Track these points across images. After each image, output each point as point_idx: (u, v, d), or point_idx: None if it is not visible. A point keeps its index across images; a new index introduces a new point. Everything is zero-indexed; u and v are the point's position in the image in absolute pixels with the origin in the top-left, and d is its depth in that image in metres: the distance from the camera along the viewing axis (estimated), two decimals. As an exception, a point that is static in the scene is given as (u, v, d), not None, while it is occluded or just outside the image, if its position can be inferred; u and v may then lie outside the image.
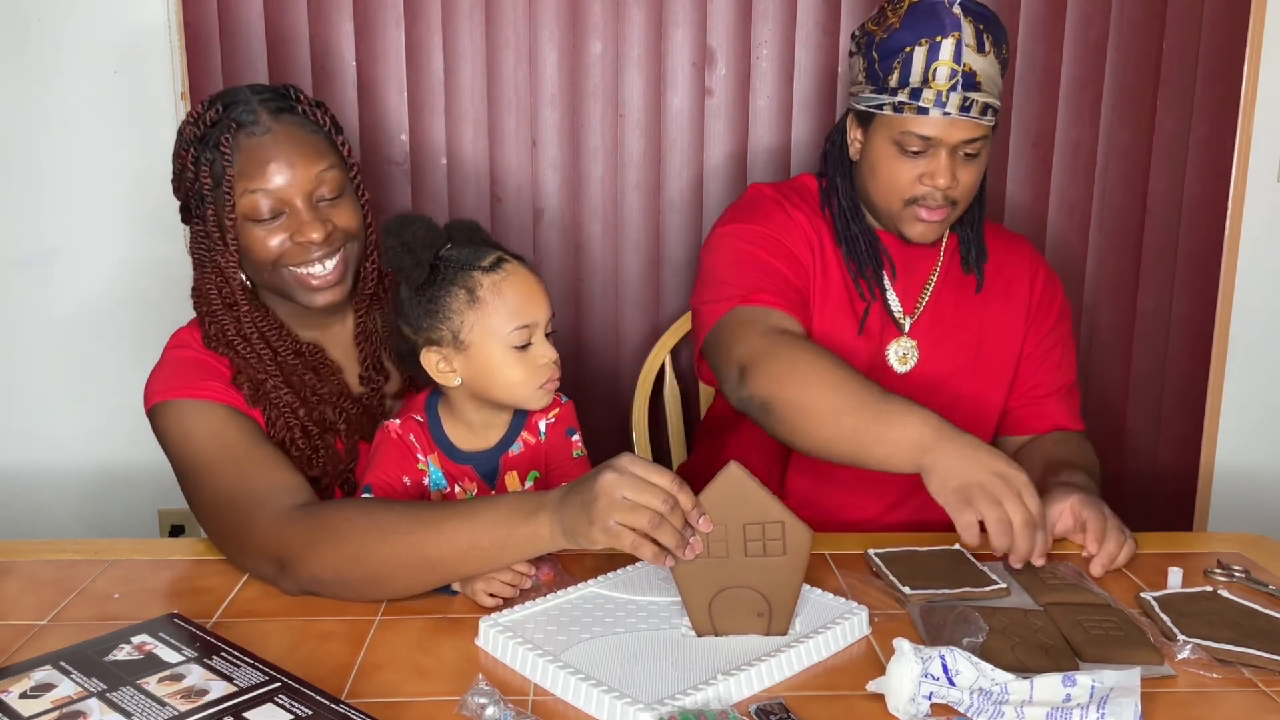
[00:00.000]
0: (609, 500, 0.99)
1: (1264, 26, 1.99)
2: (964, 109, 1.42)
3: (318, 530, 1.12)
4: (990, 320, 1.60)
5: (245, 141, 1.23)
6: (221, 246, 1.26)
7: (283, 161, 1.23)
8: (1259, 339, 2.13)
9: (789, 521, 1.03)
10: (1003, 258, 1.62)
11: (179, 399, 1.24)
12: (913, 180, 1.47)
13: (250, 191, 1.23)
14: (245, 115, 1.24)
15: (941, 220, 1.50)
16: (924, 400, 1.47)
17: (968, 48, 1.41)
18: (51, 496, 2.12)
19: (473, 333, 1.18)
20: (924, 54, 1.42)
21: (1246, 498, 2.19)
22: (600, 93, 1.98)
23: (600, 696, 0.92)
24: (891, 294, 1.58)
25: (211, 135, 1.23)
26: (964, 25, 1.41)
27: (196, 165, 1.24)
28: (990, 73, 1.43)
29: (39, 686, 0.93)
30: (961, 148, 1.45)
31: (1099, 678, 0.92)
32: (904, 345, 1.57)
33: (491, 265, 1.19)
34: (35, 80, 1.97)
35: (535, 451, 1.28)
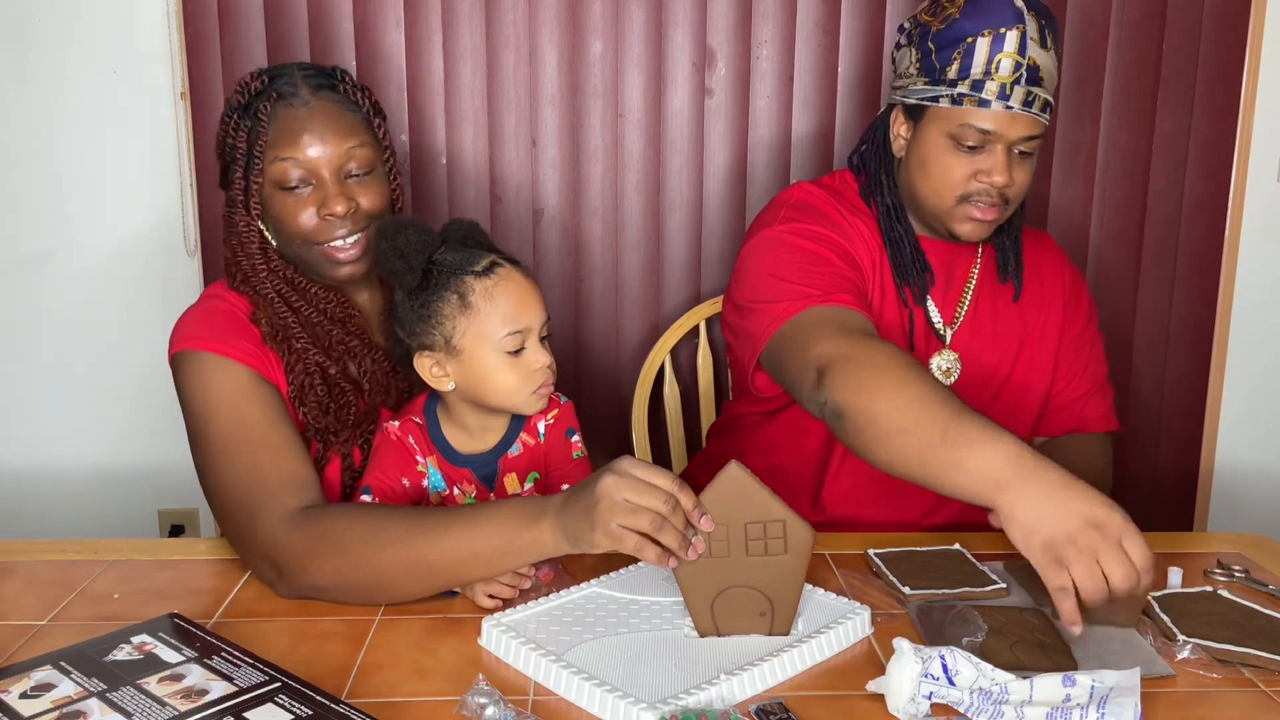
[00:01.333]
0: (610, 504, 0.99)
1: (1264, 26, 1.99)
2: (1027, 104, 1.38)
3: (319, 539, 1.12)
4: (1030, 325, 1.56)
5: (283, 111, 1.27)
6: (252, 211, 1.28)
7: (315, 134, 1.26)
8: (1259, 339, 2.13)
9: (790, 520, 1.03)
10: (1034, 259, 1.59)
11: (206, 351, 1.23)
12: (967, 176, 1.42)
13: (281, 159, 1.26)
14: (286, 88, 1.28)
15: (994, 220, 1.45)
16: None
17: (1032, 41, 1.37)
18: (51, 496, 2.12)
19: (465, 338, 1.17)
20: (987, 45, 1.37)
21: (1246, 498, 2.19)
22: (600, 93, 1.98)
23: (603, 696, 0.92)
24: (931, 303, 1.53)
25: (253, 104, 1.27)
26: (1028, 18, 1.37)
27: (235, 131, 1.28)
28: (1051, 69, 1.40)
29: (39, 686, 0.93)
30: (1019, 144, 1.40)
31: (1099, 678, 0.92)
32: (946, 358, 1.52)
33: (484, 270, 1.18)
34: (35, 80, 1.97)
35: (534, 453, 1.28)
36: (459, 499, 1.24)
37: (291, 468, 1.19)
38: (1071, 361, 1.59)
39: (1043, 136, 1.43)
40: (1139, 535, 1.01)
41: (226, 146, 1.30)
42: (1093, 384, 1.60)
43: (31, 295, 2.06)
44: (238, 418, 1.20)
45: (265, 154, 1.26)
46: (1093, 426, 1.60)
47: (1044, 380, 1.57)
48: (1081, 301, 1.61)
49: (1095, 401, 1.60)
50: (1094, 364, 1.61)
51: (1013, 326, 1.55)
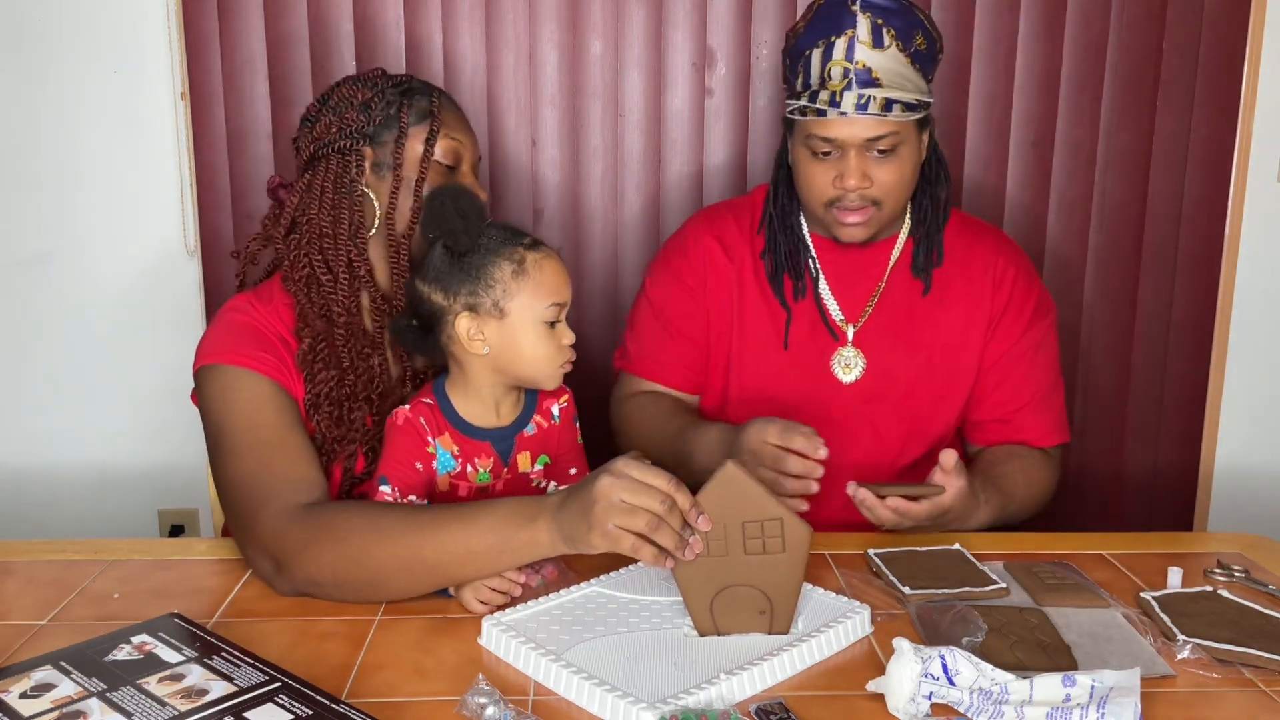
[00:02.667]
0: (607, 504, 0.99)
1: (1264, 26, 1.99)
2: (860, 106, 1.39)
3: (317, 531, 1.12)
4: (945, 325, 1.53)
5: (445, 102, 1.38)
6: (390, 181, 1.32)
7: (468, 131, 1.40)
8: (1259, 339, 2.13)
9: (787, 518, 1.03)
10: (966, 255, 1.55)
11: (228, 364, 1.25)
12: (828, 183, 1.44)
13: (450, 137, 1.35)
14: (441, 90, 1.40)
15: (864, 221, 1.46)
16: (869, 411, 1.53)
17: (861, 44, 1.38)
18: (51, 496, 2.12)
19: (514, 301, 1.21)
20: (820, 55, 1.41)
21: (1246, 498, 2.19)
22: (600, 93, 1.98)
23: (603, 696, 0.92)
24: (831, 300, 1.54)
25: (413, 89, 1.36)
26: (859, 21, 1.39)
27: (393, 107, 1.33)
28: (892, 66, 1.39)
29: (39, 686, 0.93)
30: (870, 146, 1.41)
31: (1099, 678, 0.92)
32: (847, 354, 1.53)
33: (532, 244, 1.24)
34: (35, 80, 1.97)
35: (547, 435, 1.30)
36: (471, 476, 1.24)
37: (301, 470, 1.20)
38: (1005, 373, 1.54)
39: (898, 133, 1.41)
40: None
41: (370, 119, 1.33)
42: (1030, 398, 1.55)
43: (31, 295, 2.06)
44: (253, 422, 1.22)
45: (439, 133, 1.33)
46: (1033, 443, 1.55)
47: (963, 385, 1.54)
48: (1025, 308, 1.54)
49: (1033, 417, 1.55)
50: (1035, 375, 1.55)
51: (926, 326, 1.53)
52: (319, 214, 1.31)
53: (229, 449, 1.21)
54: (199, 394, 1.27)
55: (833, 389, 1.54)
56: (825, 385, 1.54)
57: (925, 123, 1.47)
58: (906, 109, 1.40)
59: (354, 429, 1.29)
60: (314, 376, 1.27)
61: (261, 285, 1.36)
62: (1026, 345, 1.54)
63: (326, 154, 1.33)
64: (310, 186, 1.33)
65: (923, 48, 1.42)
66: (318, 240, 1.31)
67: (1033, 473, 1.51)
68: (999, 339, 1.54)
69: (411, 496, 1.21)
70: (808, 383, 1.55)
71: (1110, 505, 2.14)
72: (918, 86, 1.42)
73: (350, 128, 1.32)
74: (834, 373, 1.54)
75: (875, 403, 1.53)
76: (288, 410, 1.24)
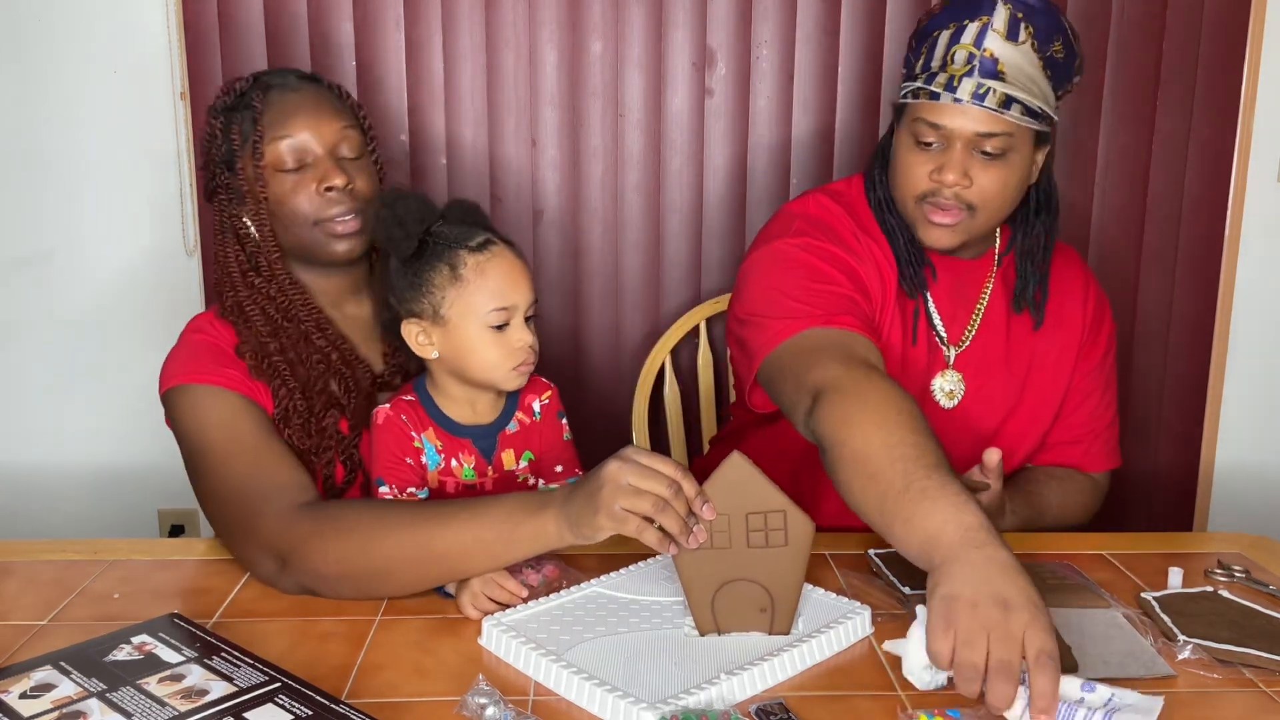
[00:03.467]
0: (614, 486, 1.00)
1: (1264, 26, 1.99)
2: (978, 96, 1.29)
3: (324, 524, 1.13)
4: (1042, 352, 1.47)
5: (275, 97, 1.30)
6: (250, 205, 1.30)
7: (308, 114, 1.30)
8: (1259, 339, 2.13)
9: (791, 511, 1.03)
10: (1058, 276, 1.48)
11: (194, 384, 1.24)
12: (924, 174, 1.35)
13: (278, 139, 1.28)
14: (275, 79, 1.33)
15: (954, 224, 1.36)
16: (963, 443, 1.38)
17: (994, 33, 1.30)
18: (51, 496, 2.12)
19: (452, 309, 1.20)
20: (948, 37, 1.33)
21: (1246, 498, 2.19)
22: (600, 93, 1.98)
23: (604, 696, 0.92)
24: (937, 318, 1.45)
25: (245, 97, 1.31)
26: (999, 9, 1.30)
27: (227, 129, 1.30)
28: (1022, 65, 1.31)
29: (39, 686, 0.93)
30: (978, 143, 1.32)
31: (1121, 695, 0.91)
32: (950, 379, 1.45)
33: (478, 245, 1.21)
34: (35, 80, 1.97)
35: (529, 431, 1.30)
36: (456, 472, 1.25)
37: (290, 473, 1.20)
38: (1083, 399, 1.51)
39: (1012, 135, 1.32)
40: (1046, 633, 0.90)
41: (215, 149, 1.32)
42: (1101, 424, 1.52)
43: (31, 295, 2.05)
44: (232, 434, 1.22)
45: (265, 135, 1.28)
46: (1092, 466, 1.53)
47: (1051, 411, 1.50)
48: (1102, 330, 1.52)
49: (1099, 441, 1.52)
50: (1105, 403, 1.53)
51: (1024, 352, 1.47)
52: (222, 253, 1.33)
53: (213, 462, 1.21)
54: (170, 416, 1.27)
55: (934, 416, 1.38)
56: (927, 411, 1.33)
57: (1044, 139, 1.38)
58: (1027, 112, 1.31)
59: (327, 437, 1.28)
60: (275, 392, 1.27)
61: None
62: (1105, 371, 1.53)
63: (210, 193, 1.34)
64: (215, 223, 1.34)
65: (1059, 56, 1.33)
66: (224, 277, 1.32)
67: (1070, 497, 1.48)
68: (1085, 360, 1.51)
69: (411, 489, 1.21)
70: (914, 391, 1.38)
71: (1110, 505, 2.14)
72: (1044, 94, 1.33)
73: (212, 163, 1.32)
74: (935, 398, 1.45)
75: (970, 431, 1.44)
76: (263, 420, 1.24)
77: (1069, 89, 1.40)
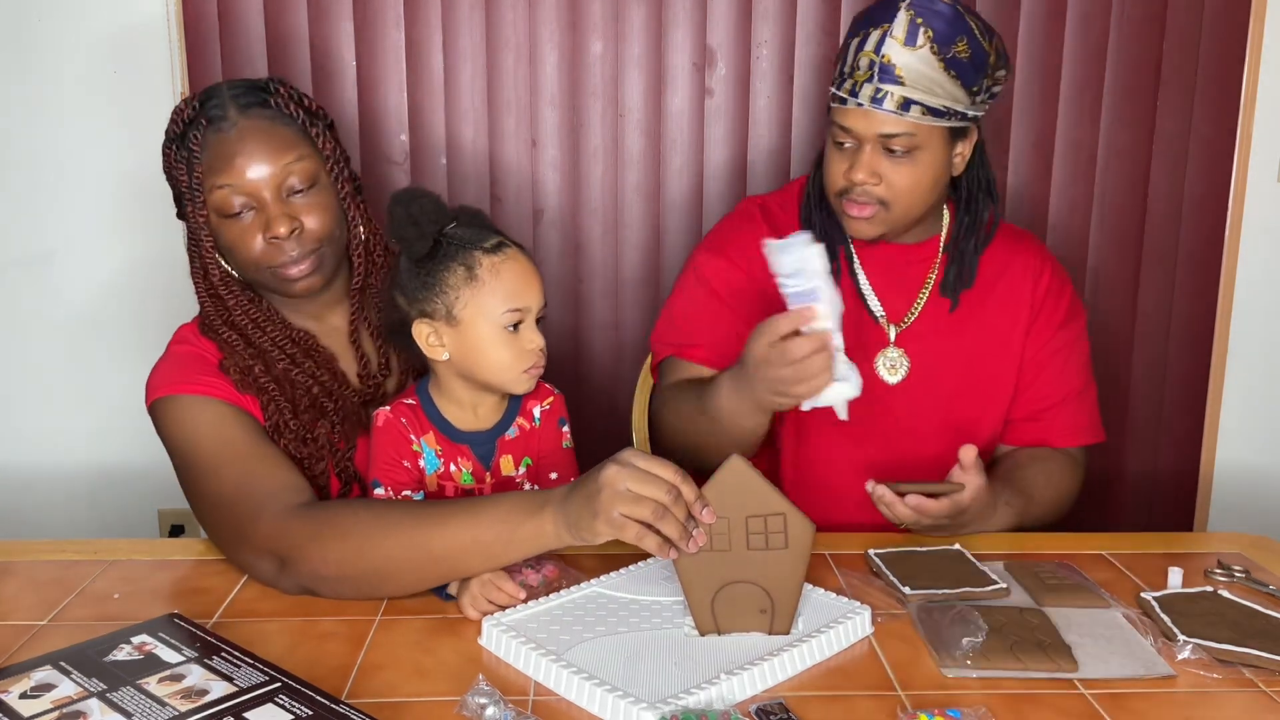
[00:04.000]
0: (613, 492, 0.99)
1: (1264, 26, 1.99)
2: (876, 100, 1.37)
3: (322, 526, 1.12)
4: (990, 327, 1.53)
5: (213, 138, 1.25)
6: (204, 240, 1.28)
7: (247, 156, 1.23)
8: (1259, 339, 2.13)
9: (790, 514, 1.04)
10: (1004, 260, 1.55)
11: (181, 394, 1.24)
12: (841, 173, 1.44)
13: (219, 187, 1.24)
14: (215, 111, 1.26)
15: (868, 217, 1.44)
16: (914, 414, 1.51)
17: (892, 39, 1.37)
18: (51, 496, 2.12)
19: (466, 309, 1.20)
20: (856, 45, 1.40)
21: (1246, 498, 2.19)
22: (600, 93, 1.98)
23: (603, 695, 0.92)
24: (872, 297, 1.53)
25: (187, 133, 1.26)
26: (899, 16, 1.37)
27: (175, 164, 1.28)
28: (920, 68, 1.36)
29: (39, 686, 0.93)
30: (885, 143, 1.40)
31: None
32: (892, 355, 1.52)
33: (493, 247, 1.21)
34: (35, 80, 1.97)
35: (529, 437, 1.30)
36: (455, 476, 1.25)
37: (286, 476, 1.20)
38: (1037, 372, 1.54)
39: (914, 135, 1.38)
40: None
41: (171, 179, 1.30)
42: (1061, 395, 1.54)
43: (31, 295, 2.06)
44: (223, 440, 1.22)
45: (204, 183, 1.25)
46: (1059, 441, 1.54)
47: (1006, 386, 1.54)
48: (1059, 307, 1.55)
49: (1062, 415, 1.54)
50: (1067, 374, 1.55)
51: (970, 329, 1.52)
52: (196, 274, 1.31)
53: (206, 469, 1.21)
54: (158, 428, 1.27)
55: (878, 390, 1.51)
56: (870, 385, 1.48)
57: (960, 133, 1.44)
58: (928, 112, 1.38)
59: (319, 447, 1.28)
60: (264, 406, 1.26)
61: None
62: (1059, 344, 1.54)
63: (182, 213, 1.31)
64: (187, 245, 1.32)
65: (963, 56, 1.38)
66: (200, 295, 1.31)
67: (1054, 475, 1.50)
68: (1034, 336, 1.54)
69: (406, 492, 1.21)
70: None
71: (1110, 505, 2.14)
72: (950, 94, 1.38)
73: (176, 191, 1.30)
74: (879, 373, 1.52)
75: (920, 405, 1.51)
76: (252, 425, 1.24)
77: (992, 83, 1.44)
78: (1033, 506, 1.43)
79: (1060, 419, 1.55)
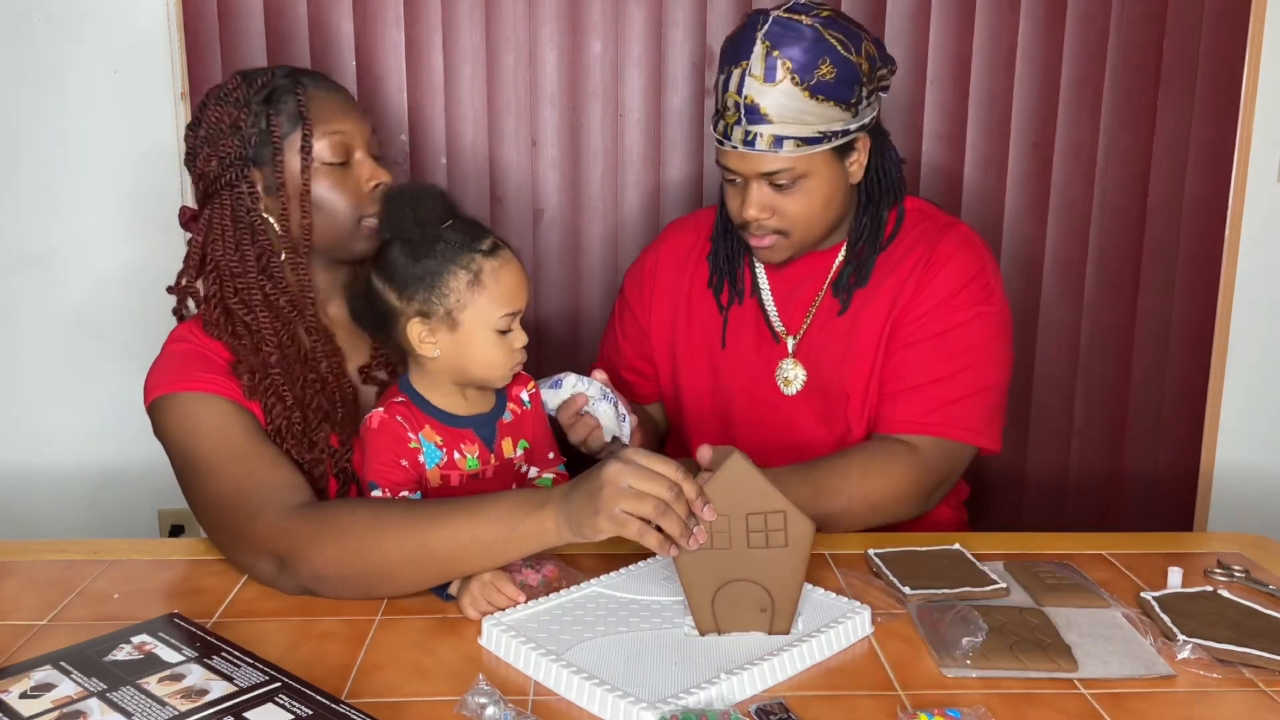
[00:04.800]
0: (614, 489, 1.00)
1: (1264, 26, 1.99)
2: (747, 142, 1.36)
3: (321, 526, 1.12)
4: (874, 327, 1.47)
5: (315, 92, 1.30)
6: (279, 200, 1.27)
7: (348, 111, 1.31)
8: (1259, 339, 2.13)
9: (790, 512, 1.04)
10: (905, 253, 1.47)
11: (180, 392, 1.24)
12: (736, 209, 1.43)
13: (328, 133, 1.28)
14: (305, 78, 1.31)
15: (771, 246, 1.44)
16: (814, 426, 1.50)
17: (751, 78, 1.33)
18: (51, 496, 2.12)
19: (467, 312, 1.21)
20: (722, 83, 1.38)
21: (1246, 498, 2.19)
22: (600, 93, 1.98)
23: (603, 695, 0.92)
24: (772, 308, 1.53)
25: (277, 92, 1.28)
26: (755, 51, 1.33)
27: (260, 121, 1.27)
28: (784, 102, 1.33)
29: (39, 686, 0.93)
30: (768, 179, 1.38)
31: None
32: (788, 367, 1.52)
33: (490, 250, 1.22)
34: (35, 80, 1.97)
35: (523, 419, 1.32)
36: (460, 464, 1.25)
37: (284, 474, 1.20)
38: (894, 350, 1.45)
39: (792, 169, 1.36)
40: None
41: (242, 139, 1.27)
42: (913, 381, 1.43)
43: (31, 295, 2.05)
44: (223, 438, 1.21)
45: (313, 132, 1.27)
46: (897, 428, 1.42)
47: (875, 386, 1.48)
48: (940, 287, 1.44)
49: (910, 401, 1.42)
50: (926, 362, 1.42)
51: (862, 332, 1.48)
52: (223, 253, 1.28)
53: (205, 469, 1.20)
54: (157, 427, 1.26)
55: (776, 402, 1.53)
56: (770, 397, 1.54)
57: (846, 149, 1.40)
58: (804, 143, 1.35)
59: (319, 450, 1.28)
60: (270, 410, 1.25)
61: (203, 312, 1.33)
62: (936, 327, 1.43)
63: (217, 189, 1.29)
64: (211, 223, 1.29)
65: (829, 77, 1.33)
66: (230, 280, 1.28)
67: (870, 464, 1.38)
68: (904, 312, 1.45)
69: (404, 493, 1.21)
70: (753, 390, 1.55)
71: (1110, 505, 2.14)
72: (823, 117, 1.35)
73: (228, 157, 1.27)
74: (778, 386, 1.53)
75: (818, 414, 1.51)
76: (253, 425, 1.24)
77: (874, 87, 1.40)
78: (828, 497, 1.33)
79: (908, 403, 1.43)
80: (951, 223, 1.52)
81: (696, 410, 1.61)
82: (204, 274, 1.31)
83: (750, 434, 1.56)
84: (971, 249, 1.48)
